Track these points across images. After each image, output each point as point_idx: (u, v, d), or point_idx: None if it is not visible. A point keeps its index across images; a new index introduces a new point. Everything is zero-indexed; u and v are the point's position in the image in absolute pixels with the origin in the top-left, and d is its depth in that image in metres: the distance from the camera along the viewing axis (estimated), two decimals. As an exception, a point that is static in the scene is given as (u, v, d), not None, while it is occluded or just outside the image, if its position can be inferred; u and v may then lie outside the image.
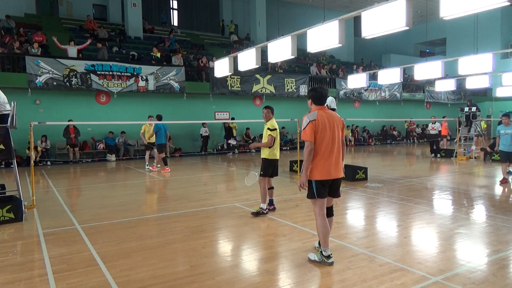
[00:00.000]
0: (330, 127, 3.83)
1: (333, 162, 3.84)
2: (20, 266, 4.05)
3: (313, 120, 3.77)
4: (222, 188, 9.15)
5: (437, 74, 11.67)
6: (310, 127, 3.75)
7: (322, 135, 3.78)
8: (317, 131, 3.76)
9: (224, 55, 11.97)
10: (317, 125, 3.76)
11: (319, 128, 3.76)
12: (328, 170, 3.82)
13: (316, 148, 3.79)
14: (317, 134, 3.77)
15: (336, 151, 3.87)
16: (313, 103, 3.99)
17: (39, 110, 14.29)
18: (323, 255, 3.93)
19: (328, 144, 3.81)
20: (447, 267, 3.85)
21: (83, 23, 19.46)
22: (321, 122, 3.78)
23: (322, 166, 3.80)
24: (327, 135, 3.80)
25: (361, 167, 9.71)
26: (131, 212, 6.62)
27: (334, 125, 3.87)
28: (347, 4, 25.33)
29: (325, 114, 3.86)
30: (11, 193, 6.57)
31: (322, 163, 3.80)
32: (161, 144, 11.48)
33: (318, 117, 3.79)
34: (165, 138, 11.61)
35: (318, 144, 3.79)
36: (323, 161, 3.80)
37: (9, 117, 6.31)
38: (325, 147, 3.80)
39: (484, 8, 5.00)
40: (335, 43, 6.63)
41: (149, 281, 3.60)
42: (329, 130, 3.81)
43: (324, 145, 3.79)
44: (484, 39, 25.28)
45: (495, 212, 6.16)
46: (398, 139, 23.97)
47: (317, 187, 3.83)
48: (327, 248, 3.90)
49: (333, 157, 3.84)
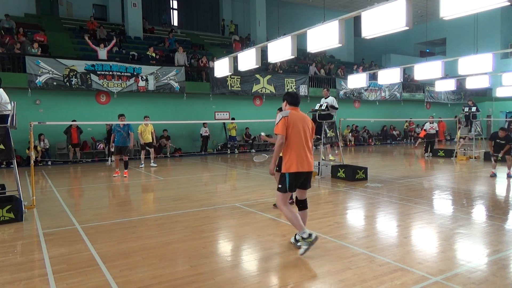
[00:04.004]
0: (301, 125, 4.22)
1: (305, 157, 4.18)
2: (20, 266, 4.05)
3: (286, 116, 4.15)
4: (222, 188, 9.15)
5: (437, 74, 11.65)
6: (282, 122, 4.12)
7: (294, 130, 4.14)
8: (289, 126, 4.12)
9: (224, 55, 11.97)
10: (289, 121, 4.13)
11: (290, 124, 4.12)
12: (302, 163, 4.15)
13: (290, 142, 4.14)
14: (289, 129, 4.13)
15: (307, 147, 4.24)
16: (287, 105, 4.39)
17: (39, 110, 14.29)
18: (304, 238, 4.08)
19: (301, 140, 4.17)
20: (447, 267, 3.85)
21: (83, 23, 19.47)
22: (292, 119, 4.16)
23: (296, 159, 4.13)
24: (299, 131, 4.17)
25: (361, 167, 9.70)
26: (131, 212, 6.63)
27: (304, 124, 4.27)
28: (347, 4, 25.32)
29: (297, 114, 4.27)
30: (11, 193, 6.57)
31: (296, 157, 4.13)
32: (117, 146, 10.52)
33: (290, 114, 4.18)
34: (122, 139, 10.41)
35: (292, 138, 4.14)
36: (297, 154, 4.13)
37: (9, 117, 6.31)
38: (297, 142, 4.15)
39: (484, 8, 4.99)
40: (335, 43, 6.62)
41: (149, 281, 3.60)
42: (300, 127, 4.20)
43: (297, 139, 4.15)
44: (484, 39, 25.27)
45: (495, 212, 6.16)
46: (398, 139, 23.97)
47: (290, 181, 4.13)
48: (304, 230, 4.09)
49: (305, 152, 4.19)
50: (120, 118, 10.45)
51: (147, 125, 12.30)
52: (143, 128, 12.32)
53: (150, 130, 12.54)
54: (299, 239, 4.22)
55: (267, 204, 6.81)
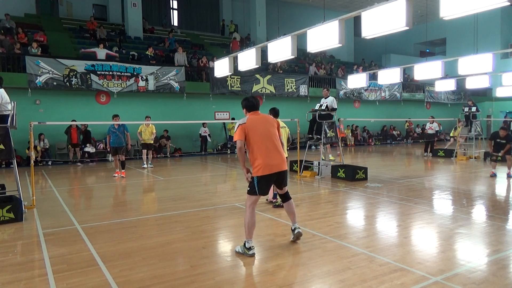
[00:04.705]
0: (263, 126, 4.27)
1: (272, 157, 4.20)
2: (20, 266, 4.05)
3: (243, 123, 4.22)
4: (222, 188, 9.15)
5: (437, 74, 11.65)
6: (240, 129, 4.19)
7: (254, 134, 4.18)
8: (248, 132, 4.18)
9: (224, 55, 11.97)
10: (246, 127, 4.19)
11: (249, 130, 4.19)
12: (269, 165, 4.16)
13: (253, 146, 4.18)
14: (249, 134, 4.18)
15: (274, 148, 4.24)
16: (246, 111, 4.42)
17: (39, 110, 14.29)
18: (245, 246, 4.21)
19: (265, 141, 4.20)
20: (447, 267, 3.85)
21: (83, 23, 19.47)
22: (250, 124, 4.22)
23: (262, 162, 4.15)
24: (261, 134, 4.21)
25: (361, 167, 9.70)
26: (131, 212, 6.63)
27: (267, 125, 4.32)
28: (347, 4, 25.32)
29: (256, 117, 4.32)
30: (11, 193, 6.57)
31: (261, 160, 4.15)
32: (112, 147, 10.47)
33: (248, 120, 4.25)
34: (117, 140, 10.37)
35: (254, 142, 4.18)
36: (262, 158, 4.16)
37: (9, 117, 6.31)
38: (262, 144, 4.18)
39: (484, 8, 4.99)
40: (335, 43, 6.62)
41: (149, 281, 3.60)
42: (262, 129, 4.23)
43: (260, 141, 4.18)
44: (484, 39, 25.26)
45: (495, 212, 6.16)
46: (398, 139, 23.97)
47: (259, 184, 4.17)
48: (251, 239, 4.22)
49: (271, 153, 4.21)
50: (115, 119, 10.44)
51: (148, 125, 12.21)
52: (143, 128, 12.27)
53: (151, 131, 12.33)
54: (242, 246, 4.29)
55: (267, 204, 6.81)
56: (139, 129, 12.38)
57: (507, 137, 9.60)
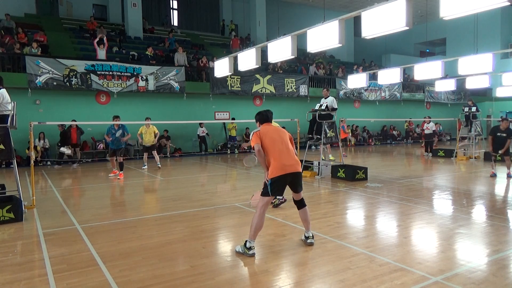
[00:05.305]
0: (276, 134, 4.49)
1: (286, 159, 4.33)
2: (20, 266, 4.05)
3: (257, 131, 4.49)
4: (222, 188, 9.15)
5: (437, 74, 11.65)
6: (255, 136, 4.44)
7: (270, 139, 4.38)
8: (262, 137, 4.40)
9: (224, 55, 11.96)
10: (261, 133, 4.43)
11: (263, 135, 4.40)
12: (284, 165, 4.28)
13: (268, 150, 4.35)
14: (263, 139, 4.38)
15: (287, 150, 4.40)
16: (259, 124, 4.68)
17: (39, 110, 14.29)
18: (245, 246, 4.24)
19: (279, 145, 4.37)
20: (447, 267, 3.85)
21: (83, 23, 19.48)
22: (265, 131, 4.47)
23: (276, 164, 4.28)
24: (273, 139, 4.39)
25: (361, 167, 9.70)
26: (131, 212, 6.63)
27: (280, 133, 4.55)
28: (347, 4, 25.32)
29: (269, 127, 4.57)
30: (11, 193, 6.57)
31: (276, 162, 4.29)
32: (111, 148, 10.44)
33: (262, 128, 4.53)
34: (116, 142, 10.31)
35: (269, 146, 4.35)
36: (276, 160, 4.29)
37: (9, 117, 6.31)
38: (276, 147, 4.34)
39: (484, 8, 4.99)
40: (335, 43, 6.62)
41: (149, 281, 3.60)
42: (275, 136, 4.44)
43: (275, 145, 4.35)
44: (484, 39, 25.26)
45: (495, 212, 6.16)
46: (398, 139, 23.97)
47: (273, 185, 4.26)
48: (253, 240, 4.26)
49: (285, 154, 4.35)
50: (115, 120, 10.38)
51: (148, 127, 11.90)
52: (143, 129, 12.02)
53: (152, 132, 12.04)
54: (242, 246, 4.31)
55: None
56: (140, 130, 12.12)
57: (508, 130, 9.37)
